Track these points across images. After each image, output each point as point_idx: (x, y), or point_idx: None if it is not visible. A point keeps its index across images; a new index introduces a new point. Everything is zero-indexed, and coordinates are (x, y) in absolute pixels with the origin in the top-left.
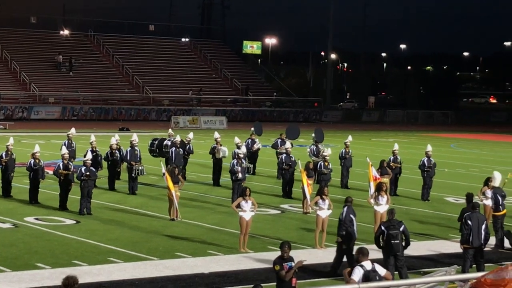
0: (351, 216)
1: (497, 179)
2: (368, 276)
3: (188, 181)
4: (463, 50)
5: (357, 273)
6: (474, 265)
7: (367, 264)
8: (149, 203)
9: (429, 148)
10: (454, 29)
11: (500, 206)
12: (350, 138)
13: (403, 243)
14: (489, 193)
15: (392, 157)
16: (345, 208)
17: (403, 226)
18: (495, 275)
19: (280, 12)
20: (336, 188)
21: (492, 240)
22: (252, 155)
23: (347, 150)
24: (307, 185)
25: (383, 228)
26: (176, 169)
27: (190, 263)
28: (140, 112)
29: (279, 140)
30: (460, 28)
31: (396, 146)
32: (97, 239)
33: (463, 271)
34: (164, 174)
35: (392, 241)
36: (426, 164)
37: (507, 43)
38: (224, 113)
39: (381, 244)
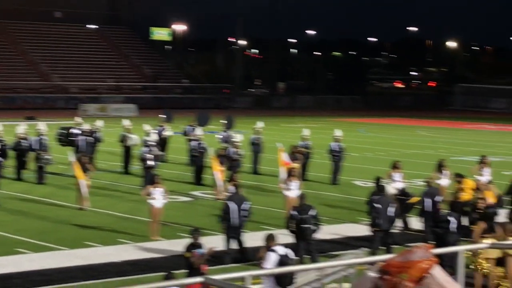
0: (227, 202)
1: (390, 191)
2: (282, 261)
3: (98, 170)
4: (369, 36)
5: (271, 259)
6: (383, 248)
7: (280, 249)
8: (58, 192)
9: (338, 133)
10: (360, 15)
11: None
12: (260, 124)
13: (314, 228)
14: (396, 176)
15: (302, 143)
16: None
17: (314, 210)
18: (402, 257)
19: None
20: (247, 174)
21: (403, 224)
22: (162, 143)
23: (258, 136)
24: (219, 171)
25: (294, 212)
26: (85, 158)
27: (101, 252)
28: (47, 100)
29: (189, 127)
30: (365, 14)
31: (306, 132)
32: (5, 230)
33: (372, 253)
34: (72, 162)
35: (303, 226)
36: (335, 149)
37: (411, 28)
38: (134, 101)
39: (292, 229)
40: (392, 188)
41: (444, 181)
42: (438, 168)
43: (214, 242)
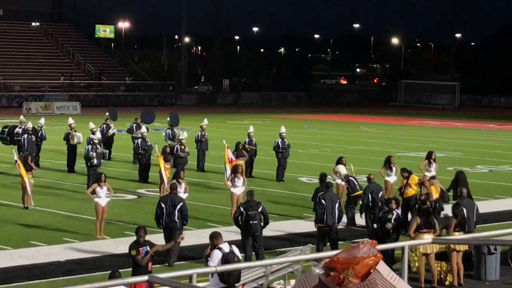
0: (160, 203)
1: (341, 170)
2: (227, 259)
3: (42, 168)
4: (314, 33)
5: (215, 257)
6: (328, 244)
7: (225, 246)
8: (1, 191)
9: (283, 129)
10: (305, 11)
11: (358, 186)
12: (205, 121)
13: (262, 224)
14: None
15: (247, 139)
16: None
17: (261, 207)
18: (347, 253)
19: None
20: (192, 172)
21: (346, 219)
22: (107, 141)
23: (203, 133)
24: (165, 169)
25: (242, 209)
26: (29, 156)
27: (46, 252)
28: None
29: (134, 125)
30: (310, 10)
31: (251, 129)
32: None
33: (317, 250)
34: (16, 161)
35: (251, 222)
36: (280, 146)
37: (356, 25)
38: (78, 98)
39: (239, 225)
40: (343, 168)
41: (392, 177)
42: (386, 164)
43: (160, 239)
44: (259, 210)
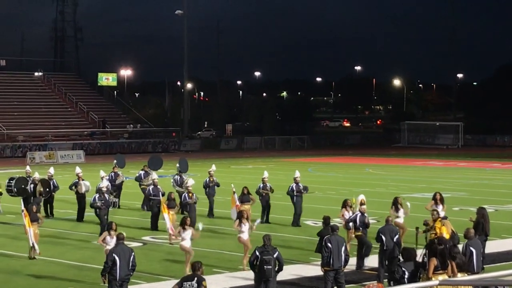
0: (114, 255)
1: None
2: None
3: (49, 218)
4: (315, 76)
5: None
6: (335, 287)
7: None
8: (7, 242)
9: (297, 174)
10: (306, 54)
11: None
12: (213, 167)
13: (276, 269)
14: (347, 215)
15: (261, 185)
16: None
17: (277, 252)
18: None
19: (135, 43)
20: (202, 218)
21: (353, 261)
22: (117, 189)
23: (211, 179)
24: (168, 215)
25: (257, 253)
26: (34, 206)
27: None
28: None
29: (142, 172)
30: (311, 53)
31: (265, 174)
32: None
33: None
34: (23, 211)
35: (265, 267)
36: (295, 190)
37: (358, 67)
38: (82, 147)
39: (255, 269)
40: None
41: (400, 219)
42: (393, 205)
43: (167, 287)
44: (275, 255)
